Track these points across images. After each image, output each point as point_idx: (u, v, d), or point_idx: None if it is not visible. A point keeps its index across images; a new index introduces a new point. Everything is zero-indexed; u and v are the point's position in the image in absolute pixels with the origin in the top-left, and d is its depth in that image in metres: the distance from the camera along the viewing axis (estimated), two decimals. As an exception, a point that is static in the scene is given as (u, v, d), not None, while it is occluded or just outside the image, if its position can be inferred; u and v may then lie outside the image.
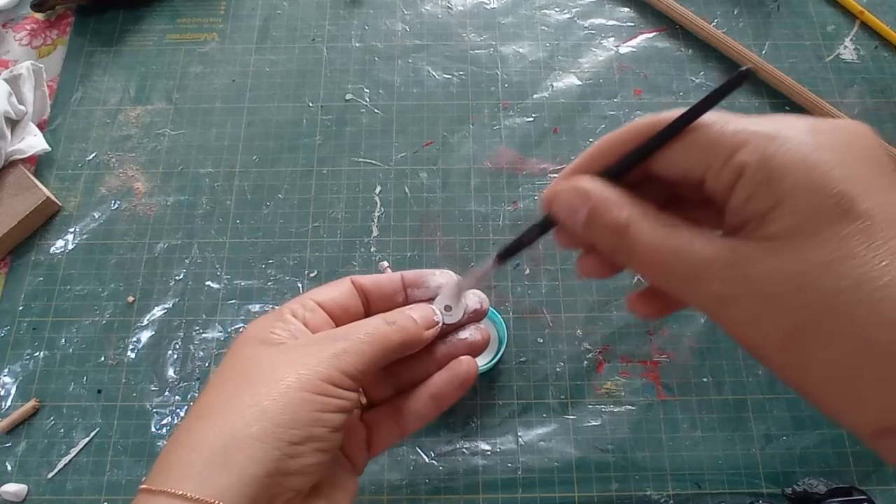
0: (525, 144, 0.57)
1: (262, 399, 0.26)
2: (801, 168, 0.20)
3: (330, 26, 0.62)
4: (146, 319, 0.51)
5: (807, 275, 0.19)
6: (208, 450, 0.25)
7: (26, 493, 0.46)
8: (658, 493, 0.45)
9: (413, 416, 0.32)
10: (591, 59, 0.61)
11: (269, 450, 0.25)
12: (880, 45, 0.61)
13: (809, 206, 0.19)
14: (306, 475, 0.26)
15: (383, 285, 0.33)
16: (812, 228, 0.19)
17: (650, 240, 0.22)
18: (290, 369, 0.27)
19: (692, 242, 0.22)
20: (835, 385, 0.20)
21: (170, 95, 0.59)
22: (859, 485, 0.43)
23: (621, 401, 0.48)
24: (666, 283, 0.23)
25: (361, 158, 0.57)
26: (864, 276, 0.19)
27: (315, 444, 0.26)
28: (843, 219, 0.19)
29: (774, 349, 0.21)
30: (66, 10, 0.63)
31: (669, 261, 0.22)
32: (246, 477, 0.24)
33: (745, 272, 0.20)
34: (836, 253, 0.19)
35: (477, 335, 0.33)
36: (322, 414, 0.26)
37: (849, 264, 0.19)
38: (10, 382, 0.49)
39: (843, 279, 0.19)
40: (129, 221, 0.54)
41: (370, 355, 0.28)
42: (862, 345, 0.19)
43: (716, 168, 0.21)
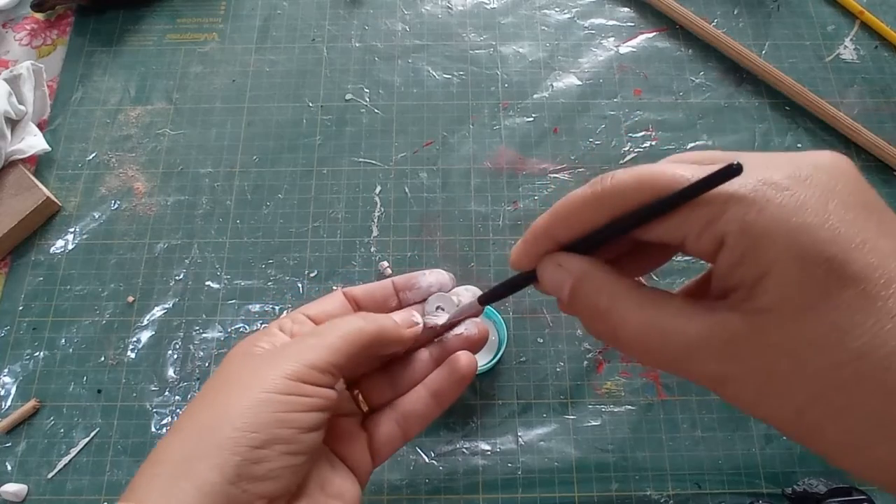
0: (525, 144, 0.57)
1: (227, 406, 0.26)
2: (784, 235, 0.18)
3: (330, 26, 0.62)
4: (146, 319, 0.51)
5: (805, 350, 0.18)
6: (171, 461, 0.25)
7: (26, 493, 0.46)
8: (658, 493, 0.45)
9: (415, 417, 0.32)
10: (591, 59, 0.61)
11: (228, 456, 0.24)
12: (880, 45, 0.61)
13: (798, 276, 0.18)
14: (274, 480, 0.25)
15: (375, 292, 0.33)
16: (805, 300, 0.18)
17: (635, 324, 0.21)
18: (259, 373, 0.27)
19: (679, 323, 0.20)
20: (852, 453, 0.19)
21: (170, 95, 0.59)
22: (859, 485, 0.43)
23: (621, 401, 0.48)
24: (657, 365, 0.22)
25: (361, 158, 0.57)
26: (866, 346, 0.17)
27: (281, 446, 0.25)
28: (837, 286, 0.18)
29: (783, 425, 0.20)
30: (66, 10, 0.63)
31: (658, 344, 0.21)
32: (206, 486, 0.24)
33: (740, 351, 0.19)
34: (833, 326, 0.18)
35: (473, 329, 0.33)
36: (287, 414, 0.26)
37: (848, 336, 0.18)
38: (10, 382, 0.49)
39: (845, 352, 0.18)
40: (129, 221, 0.54)
41: (341, 349, 0.28)
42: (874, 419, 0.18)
43: (693, 237, 0.20)
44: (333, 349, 0.28)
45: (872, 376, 0.17)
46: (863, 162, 0.56)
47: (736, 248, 0.19)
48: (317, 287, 0.52)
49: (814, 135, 0.57)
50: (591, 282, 0.23)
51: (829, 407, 0.18)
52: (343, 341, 0.28)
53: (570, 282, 0.23)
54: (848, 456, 0.19)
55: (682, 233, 0.21)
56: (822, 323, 0.18)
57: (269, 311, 0.51)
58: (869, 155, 0.56)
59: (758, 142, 0.57)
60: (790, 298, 0.18)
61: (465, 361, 0.32)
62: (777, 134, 0.57)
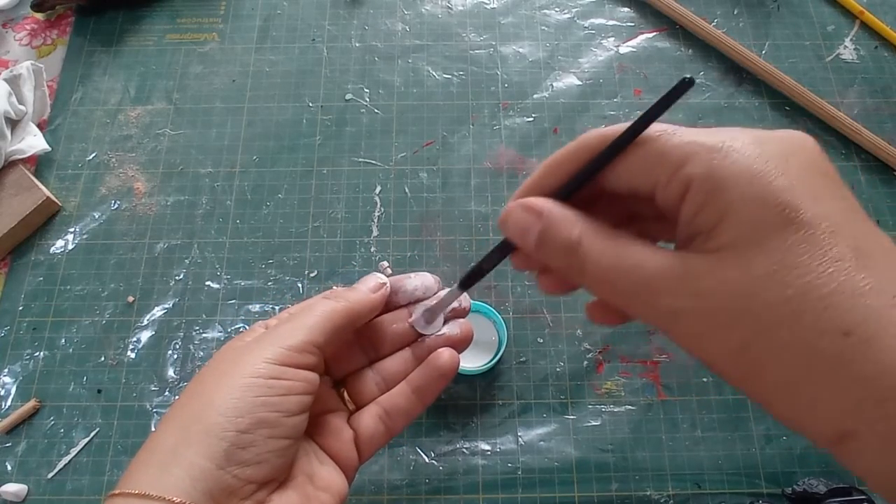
0: (525, 144, 0.57)
1: (213, 395, 0.27)
2: (745, 179, 0.20)
3: (330, 26, 0.62)
4: (146, 319, 0.51)
5: (753, 286, 0.19)
6: (162, 450, 0.26)
7: (26, 493, 0.46)
8: (658, 493, 0.45)
9: (397, 413, 0.32)
10: (591, 59, 0.61)
11: (215, 441, 0.25)
12: (880, 45, 0.61)
13: (754, 216, 0.19)
14: (261, 464, 0.26)
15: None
16: (757, 239, 0.19)
17: (600, 257, 0.22)
18: (242, 360, 0.28)
19: (642, 258, 0.21)
20: (788, 395, 0.19)
21: (170, 95, 0.59)
22: (859, 485, 0.43)
23: (621, 401, 0.48)
24: (617, 299, 0.22)
25: (361, 158, 0.57)
26: (809, 284, 0.19)
27: (266, 430, 0.26)
28: (787, 228, 0.19)
29: (726, 362, 0.21)
30: (66, 10, 0.63)
31: (620, 278, 0.22)
32: (195, 471, 0.24)
33: (692, 286, 0.20)
34: (781, 263, 0.19)
35: (455, 329, 0.33)
36: (271, 398, 0.26)
37: (793, 273, 0.19)
38: (10, 382, 0.49)
39: (789, 288, 0.19)
40: (129, 221, 0.54)
41: (316, 327, 0.29)
42: (810, 355, 0.19)
43: (663, 182, 0.21)
44: (309, 328, 0.29)
45: (813, 313, 0.18)
46: (863, 162, 0.56)
47: (700, 190, 0.20)
48: (317, 287, 0.52)
49: (814, 135, 0.56)
50: (563, 219, 0.23)
51: (771, 341, 0.19)
52: (318, 320, 0.29)
53: (540, 221, 0.23)
54: (783, 397, 0.20)
55: (653, 179, 0.22)
56: (772, 260, 0.19)
57: (270, 311, 0.51)
58: (869, 155, 0.56)
59: (758, 142, 0.57)
60: (745, 236, 0.19)
61: (447, 358, 0.32)
62: (777, 134, 0.57)
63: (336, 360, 0.34)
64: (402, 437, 0.47)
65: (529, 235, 0.24)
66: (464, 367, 0.47)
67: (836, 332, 0.18)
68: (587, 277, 0.23)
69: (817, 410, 0.19)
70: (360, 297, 0.31)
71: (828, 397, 0.19)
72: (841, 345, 0.18)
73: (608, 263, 0.22)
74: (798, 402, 0.19)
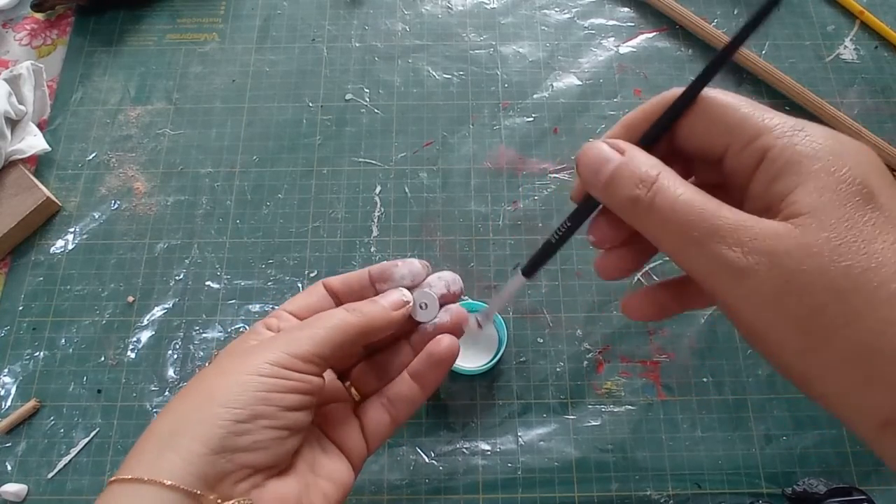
0: (525, 144, 0.57)
1: (212, 387, 0.27)
2: (825, 157, 0.20)
3: (330, 26, 0.62)
4: (146, 319, 0.51)
5: (834, 252, 0.19)
6: (158, 436, 0.26)
7: (26, 493, 0.46)
8: (658, 493, 0.45)
9: (401, 401, 0.33)
10: (591, 59, 0.61)
11: (210, 428, 0.26)
12: (880, 45, 0.61)
13: (835, 187, 0.20)
14: (258, 451, 0.26)
15: (352, 283, 0.34)
16: (839, 208, 0.19)
17: (676, 194, 0.21)
18: (245, 360, 0.28)
19: (718, 207, 0.21)
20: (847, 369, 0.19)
21: (170, 95, 0.59)
22: (859, 485, 0.43)
23: (621, 401, 0.48)
24: (683, 245, 0.21)
25: (361, 158, 0.57)
26: (885, 259, 0.19)
27: (264, 421, 0.27)
28: (867, 205, 0.20)
29: (788, 331, 0.20)
30: (66, 10, 0.63)
31: (692, 219, 0.21)
32: (190, 455, 0.25)
33: (769, 245, 0.20)
34: (862, 234, 0.19)
35: (445, 317, 0.34)
36: (270, 394, 0.27)
37: (873, 246, 0.19)
38: (10, 382, 0.49)
39: (867, 259, 0.19)
40: (129, 221, 0.54)
41: (326, 340, 0.29)
42: (879, 328, 0.18)
43: (737, 147, 0.22)
44: (318, 341, 0.29)
45: (888, 286, 0.19)
46: (863, 162, 0.56)
47: (778, 160, 0.21)
48: (317, 287, 0.52)
49: (814, 135, 0.57)
50: (644, 157, 0.23)
51: (842, 310, 0.19)
52: (329, 332, 0.30)
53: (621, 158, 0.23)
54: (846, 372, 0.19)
55: (727, 142, 0.22)
56: (851, 230, 0.19)
57: (269, 312, 0.51)
58: (869, 155, 0.56)
59: (758, 142, 0.57)
60: (825, 205, 0.20)
61: (445, 344, 0.32)
62: (777, 134, 0.57)
63: None
64: (402, 437, 0.47)
65: (605, 168, 0.23)
66: (464, 367, 0.47)
67: None
68: (657, 214, 0.22)
69: (872, 391, 0.19)
70: (378, 314, 0.31)
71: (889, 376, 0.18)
72: None
73: (684, 201, 0.21)
74: (854, 380, 0.19)
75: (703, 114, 0.23)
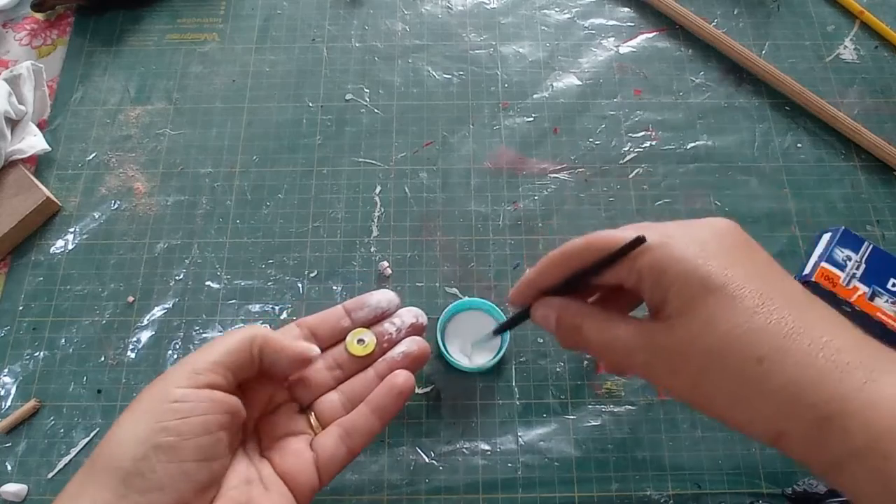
0: (525, 144, 0.57)
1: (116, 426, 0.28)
2: (675, 265, 0.27)
3: (330, 26, 0.62)
4: (146, 319, 0.51)
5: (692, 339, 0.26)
6: (72, 489, 0.28)
7: (26, 493, 0.45)
8: (658, 493, 0.45)
9: (358, 433, 0.34)
10: (591, 59, 0.61)
11: (112, 472, 0.26)
12: (880, 45, 0.61)
13: (685, 290, 0.26)
14: (163, 489, 0.27)
15: (327, 318, 0.37)
16: (689, 305, 0.26)
17: (598, 334, 0.30)
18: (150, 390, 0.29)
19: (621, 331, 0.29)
20: (734, 412, 0.26)
21: (170, 95, 0.59)
22: (859, 485, 0.43)
23: (621, 401, 0.48)
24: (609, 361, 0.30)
25: (361, 158, 0.57)
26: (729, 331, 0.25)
27: (164, 455, 0.27)
28: (708, 293, 0.26)
29: (687, 395, 0.27)
30: (66, 10, 0.63)
31: (609, 347, 0.29)
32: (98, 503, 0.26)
33: (655, 346, 0.27)
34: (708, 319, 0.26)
35: (413, 347, 0.37)
36: (169, 423, 0.27)
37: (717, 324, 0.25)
38: (10, 382, 0.49)
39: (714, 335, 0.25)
40: (129, 221, 0.54)
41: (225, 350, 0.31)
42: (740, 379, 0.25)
43: (625, 276, 0.29)
44: (217, 352, 0.31)
45: (733, 350, 0.25)
46: (863, 162, 0.56)
47: (648, 278, 0.28)
48: (317, 287, 0.52)
49: (814, 135, 0.57)
50: (569, 310, 0.31)
51: (713, 376, 0.26)
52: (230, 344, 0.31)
53: (555, 314, 0.32)
54: (731, 414, 0.26)
55: (618, 275, 0.29)
56: (701, 318, 0.26)
57: (269, 311, 0.51)
58: (869, 155, 0.56)
59: (758, 142, 0.57)
60: (682, 306, 0.26)
61: (403, 379, 0.35)
62: (777, 134, 0.57)
63: (302, 385, 0.36)
64: (402, 437, 0.47)
65: (550, 322, 0.32)
66: (467, 365, 0.47)
67: (753, 360, 0.25)
68: (589, 349, 0.31)
69: (756, 419, 0.25)
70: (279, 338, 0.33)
71: (759, 408, 0.25)
72: (758, 369, 0.24)
73: (601, 338, 0.30)
74: (742, 415, 0.26)
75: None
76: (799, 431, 0.24)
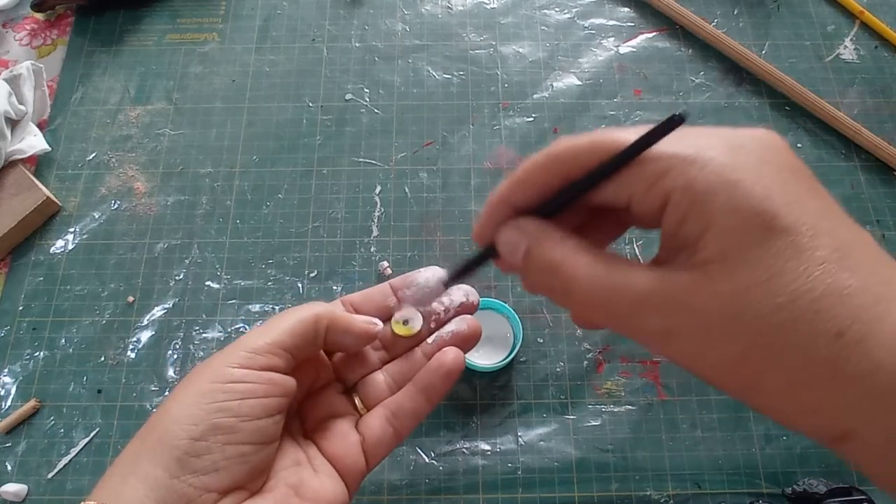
0: (525, 144, 0.57)
1: (170, 405, 0.27)
2: (723, 189, 0.20)
3: (330, 26, 0.62)
4: (146, 319, 0.51)
5: (743, 297, 0.19)
6: (123, 462, 0.26)
7: (26, 493, 0.46)
8: (658, 493, 0.45)
9: (405, 414, 0.32)
10: (591, 59, 0.61)
11: (168, 450, 0.25)
12: (880, 45, 0.61)
13: (736, 227, 0.19)
14: (219, 472, 0.26)
15: (373, 295, 0.34)
16: (742, 250, 0.19)
17: (585, 277, 0.22)
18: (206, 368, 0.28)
19: (630, 277, 0.21)
20: (788, 401, 0.20)
21: (170, 95, 0.59)
22: (859, 485, 0.43)
23: (621, 401, 0.48)
24: (606, 321, 0.22)
25: (361, 158, 0.57)
26: (798, 290, 0.19)
27: (222, 436, 0.26)
28: (770, 236, 0.19)
29: (724, 376, 0.21)
30: (66, 10, 0.63)
31: (607, 298, 0.21)
32: (150, 481, 0.25)
33: (683, 303, 0.20)
34: (768, 272, 0.19)
35: (463, 326, 0.33)
36: (227, 403, 0.26)
37: (782, 281, 0.19)
38: (10, 382, 0.49)
39: (779, 297, 0.19)
40: (129, 221, 0.54)
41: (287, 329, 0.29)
42: (806, 359, 0.19)
43: (640, 194, 0.21)
44: (278, 331, 0.29)
45: (804, 318, 0.19)
46: (863, 162, 0.56)
47: (681, 203, 0.20)
48: (317, 287, 0.52)
49: (814, 135, 0.57)
50: (546, 240, 0.23)
51: (767, 350, 0.19)
52: (290, 323, 0.29)
53: (526, 243, 0.23)
54: (784, 403, 0.20)
55: (630, 192, 0.21)
56: (759, 270, 0.19)
57: (269, 311, 0.51)
58: (869, 155, 0.56)
59: (758, 142, 0.57)
60: (730, 248, 0.19)
61: (452, 357, 0.32)
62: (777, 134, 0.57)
63: (347, 365, 0.34)
64: (402, 437, 0.47)
65: (517, 253, 0.24)
66: (479, 364, 0.47)
67: (829, 334, 0.18)
68: (573, 298, 0.22)
69: (818, 412, 0.19)
70: (344, 315, 0.31)
71: (827, 398, 0.19)
72: (835, 347, 0.18)
73: (594, 283, 0.21)
74: (799, 406, 0.20)
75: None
76: (876, 436, 0.19)
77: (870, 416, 0.19)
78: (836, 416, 0.19)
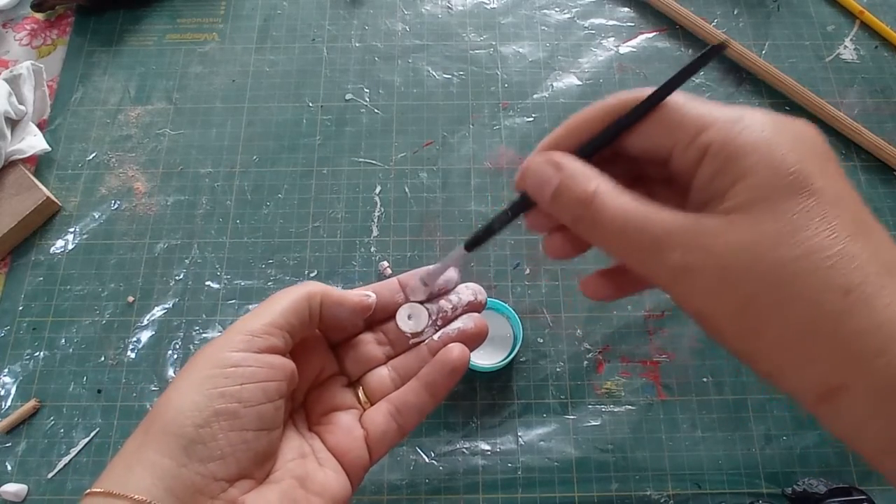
0: (525, 144, 0.57)
1: (172, 392, 0.27)
2: (762, 148, 0.21)
3: (330, 26, 0.62)
4: (146, 319, 0.51)
5: (763, 245, 0.20)
6: (128, 451, 0.26)
7: (26, 493, 0.46)
8: (658, 493, 0.45)
9: (409, 410, 0.32)
10: (591, 59, 0.61)
11: (172, 438, 0.25)
12: (880, 45, 0.61)
13: (768, 181, 0.21)
14: (225, 459, 0.26)
15: (380, 290, 0.34)
16: (770, 202, 0.21)
17: (615, 210, 0.23)
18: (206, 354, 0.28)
19: (656, 214, 0.22)
20: (785, 350, 0.21)
21: (170, 95, 0.59)
22: (859, 485, 0.43)
23: (621, 401, 0.48)
24: (627, 254, 0.23)
25: (361, 158, 0.57)
26: (816, 245, 0.20)
27: (226, 422, 0.26)
28: (799, 194, 0.20)
29: (727, 318, 0.21)
30: (66, 10, 0.63)
31: (632, 231, 0.22)
32: (156, 469, 0.25)
33: (705, 243, 0.21)
34: (791, 224, 0.20)
35: (469, 323, 0.33)
36: (228, 388, 0.26)
37: (802, 235, 0.20)
38: (10, 382, 0.49)
39: (797, 248, 0.20)
40: (129, 221, 0.54)
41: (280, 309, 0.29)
42: (812, 310, 0.20)
43: (681, 146, 0.23)
44: (274, 312, 0.29)
45: (817, 272, 0.20)
46: (863, 162, 0.56)
47: (719, 155, 0.22)
48: (317, 287, 0.52)
49: (814, 135, 0.57)
50: (581, 173, 0.24)
51: (776, 296, 0.20)
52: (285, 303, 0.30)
53: (560, 176, 0.24)
54: (779, 353, 0.21)
55: (672, 142, 0.23)
56: (782, 221, 0.20)
57: (269, 311, 0.51)
58: (869, 155, 0.56)
59: (758, 142, 0.57)
60: (758, 199, 0.21)
61: (457, 353, 0.32)
62: (777, 134, 0.57)
63: (352, 359, 0.34)
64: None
65: (547, 187, 0.24)
66: (479, 364, 0.47)
67: (838, 290, 0.19)
68: (599, 230, 0.23)
69: (815, 363, 0.20)
70: (338, 291, 0.31)
71: (826, 350, 0.20)
72: (842, 302, 0.19)
73: (622, 216, 0.23)
74: (796, 356, 0.20)
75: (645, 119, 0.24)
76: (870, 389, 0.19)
77: (864, 370, 0.19)
78: (831, 369, 0.20)
